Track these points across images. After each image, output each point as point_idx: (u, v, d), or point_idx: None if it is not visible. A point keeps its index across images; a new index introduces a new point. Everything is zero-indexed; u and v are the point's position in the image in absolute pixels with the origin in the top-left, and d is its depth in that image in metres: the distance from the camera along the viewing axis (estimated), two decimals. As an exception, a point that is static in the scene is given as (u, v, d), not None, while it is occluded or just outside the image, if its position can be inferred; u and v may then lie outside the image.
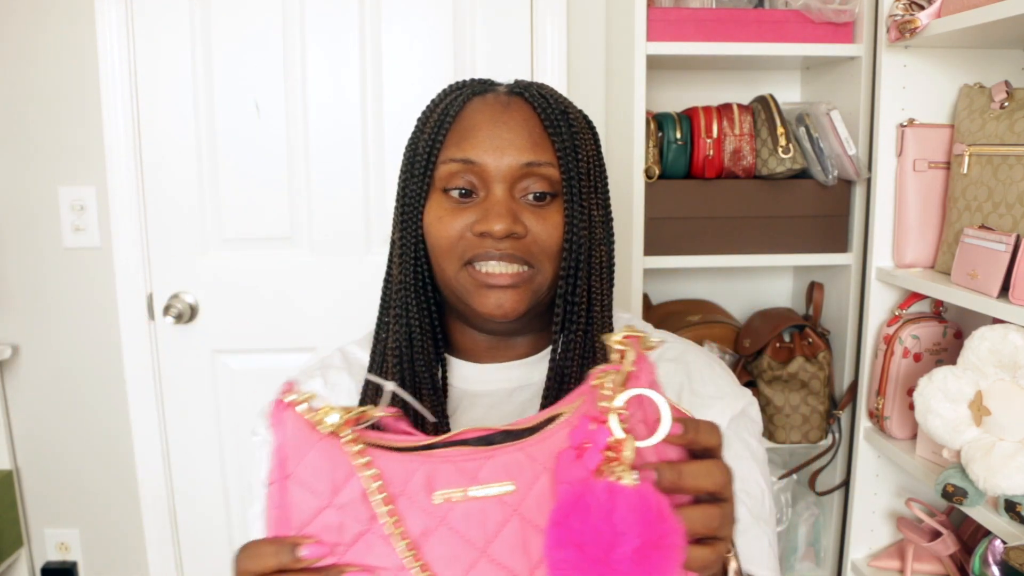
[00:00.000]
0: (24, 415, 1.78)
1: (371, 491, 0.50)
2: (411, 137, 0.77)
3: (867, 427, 1.51)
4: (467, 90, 0.76)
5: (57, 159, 1.69)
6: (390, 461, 0.51)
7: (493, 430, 0.52)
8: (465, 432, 0.52)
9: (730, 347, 1.65)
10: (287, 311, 1.74)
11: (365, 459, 0.50)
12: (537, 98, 0.74)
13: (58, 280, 1.73)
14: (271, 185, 1.70)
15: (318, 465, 0.51)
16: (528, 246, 0.72)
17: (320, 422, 0.51)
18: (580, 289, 0.73)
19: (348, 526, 0.50)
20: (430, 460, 0.50)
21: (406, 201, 0.75)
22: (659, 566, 0.44)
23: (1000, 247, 1.17)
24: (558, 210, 0.73)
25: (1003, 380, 1.13)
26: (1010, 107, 1.24)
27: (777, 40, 1.50)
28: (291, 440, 0.51)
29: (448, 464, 0.50)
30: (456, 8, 1.68)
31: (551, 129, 0.73)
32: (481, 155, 0.72)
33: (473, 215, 0.72)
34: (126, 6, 1.62)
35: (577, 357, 0.73)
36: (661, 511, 0.44)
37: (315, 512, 0.51)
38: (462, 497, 0.50)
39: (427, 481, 0.50)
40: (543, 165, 0.72)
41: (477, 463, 0.50)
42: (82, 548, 1.83)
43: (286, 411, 0.51)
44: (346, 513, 0.50)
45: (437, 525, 0.50)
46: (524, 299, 0.72)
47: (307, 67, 1.68)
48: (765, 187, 1.53)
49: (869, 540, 1.57)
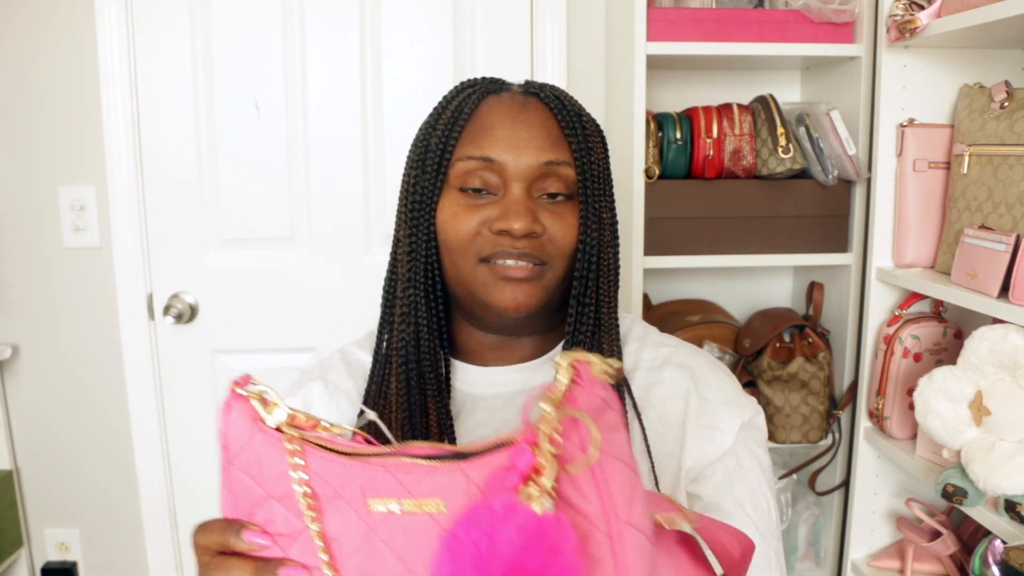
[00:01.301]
0: (24, 415, 1.78)
1: (298, 493, 0.50)
2: (421, 134, 0.76)
3: (867, 427, 1.51)
4: (480, 88, 0.76)
5: (57, 159, 1.69)
6: (330, 463, 0.50)
7: (445, 450, 0.50)
8: (417, 447, 0.50)
9: (730, 347, 1.65)
10: (287, 311, 1.74)
11: (298, 460, 0.50)
12: (552, 99, 0.75)
13: (58, 280, 1.73)
14: (271, 185, 1.70)
15: (260, 457, 0.51)
16: (544, 245, 0.72)
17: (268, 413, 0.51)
18: (591, 291, 0.74)
19: (292, 522, 0.51)
20: (370, 467, 0.49)
21: (415, 198, 0.74)
22: None
23: (1000, 247, 1.17)
24: (573, 211, 0.73)
25: (1003, 380, 1.13)
26: (1010, 107, 1.24)
27: (777, 40, 1.50)
28: (237, 428, 0.51)
29: (388, 475, 0.49)
30: (456, 8, 1.68)
31: (567, 130, 0.73)
32: (500, 153, 0.72)
33: (489, 212, 0.71)
34: (126, 6, 1.62)
35: None
36: (558, 545, 0.41)
37: (259, 501, 0.51)
38: (396, 509, 0.49)
39: (364, 487, 0.49)
40: (561, 165, 0.72)
41: (416, 477, 0.49)
42: (82, 548, 1.83)
43: (238, 401, 0.52)
44: (289, 508, 0.51)
45: (368, 533, 0.49)
46: (536, 294, 0.72)
47: (307, 67, 1.68)
48: (765, 187, 1.53)
49: (869, 540, 1.57)
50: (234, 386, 0.52)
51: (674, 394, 0.77)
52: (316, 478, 0.50)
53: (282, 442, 0.51)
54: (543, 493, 0.42)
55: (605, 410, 0.46)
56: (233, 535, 0.52)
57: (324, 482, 0.50)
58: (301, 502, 0.50)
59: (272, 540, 0.51)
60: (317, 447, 0.51)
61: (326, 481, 0.50)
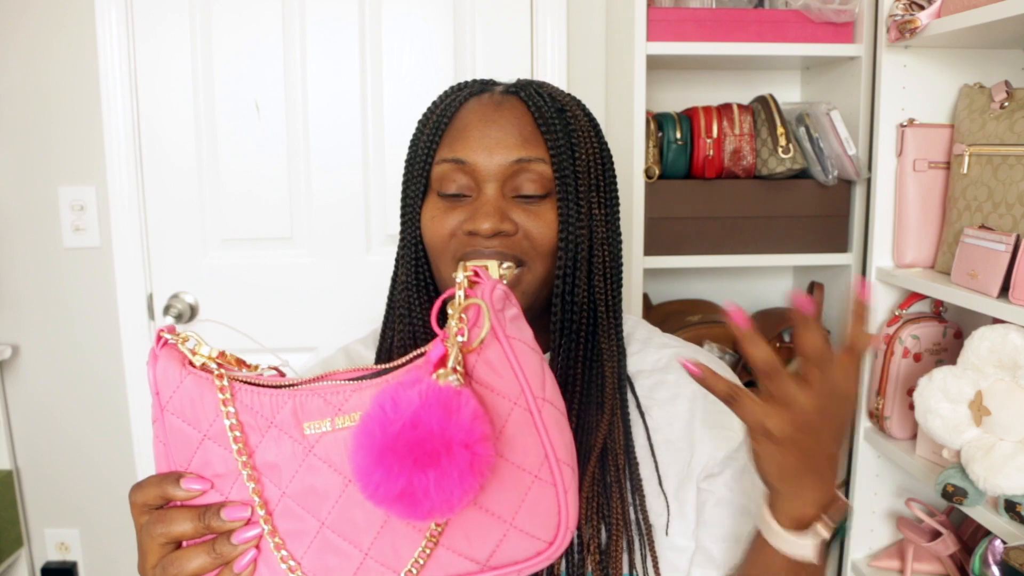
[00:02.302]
0: (24, 415, 1.78)
1: (227, 427, 0.52)
2: (412, 139, 0.78)
3: (867, 427, 1.51)
4: (465, 91, 0.76)
5: (57, 159, 1.69)
6: (259, 395, 0.52)
7: (370, 370, 0.53)
8: (336, 374, 0.53)
9: (730, 347, 1.65)
10: (287, 311, 1.74)
11: (228, 396, 0.52)
12: (532, 96, 0.74)
13: (58, 280, 1.73)
14: (271, 185, 1.70)
15: (192, 398, 0.52)
16: (518, 243, 0.71)
17: (194, 354, 0.53)
18: (580, 290, 0.73)
19: (228, 459, 0.52)
20: (298, 393, 0.52)
21: (406, 203, 0.76)
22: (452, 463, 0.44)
23: (1000, 247, 1.17)
24: (552, 208, 0.72)
25: (1003, 380, 1.13)
26: (1010, 107, 1.24)
27: (777, 40, 1.50)
28: (166, 374, 0.53)
29: (317, 397, 0.51)
30: (456, 8, 1.68)
31: (543, 126, 0.72)
32: (471, 154, 0.72)
33: (463, 214, 0.72)
34: (126, 6, 1.62)
35: (582, 360, 0.73)
36: (454, 408, 0.45)
37: (195, 445, 0.52)
38: (329, 427, 0.51)
39: (296, 413, 0.51)
40: (533, 161, 0.72)
41: (344, 396, 0.51)
42: (82, 548, 1.83)
43: (165, 348, 0.53)
44: (224, 445, 0.52)
45: (306, 453, 0.51)
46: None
47: (307, 67, 1.68)
48: (765, 187, 1.53)
49: (869, 540, 1.58)
50: (159, 334, 0.53)
51: (680, 395, 0.77)
52: (247, 411, 0.52)
53: (212, 381, 0.52)
54: (448, 371, 0.48)
55: (506, 302, 0.51)
56: (171, 485, 0.52)
57: (256, 413, 0.52)
58: (229, 435, 0.52)
59: (210, 484, 0.52)
60: (245, 383, 0.53)
61: (258, 412, 0.52)
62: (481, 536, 0.49)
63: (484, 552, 0.49)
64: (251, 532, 0.51)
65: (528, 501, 0.49)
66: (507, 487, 0.49)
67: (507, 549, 0.49)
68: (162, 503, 0.53)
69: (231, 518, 0.51)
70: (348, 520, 0.50)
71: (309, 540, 0.51)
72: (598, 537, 0.68)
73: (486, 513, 0.49)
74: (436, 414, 0.45)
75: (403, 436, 0.44)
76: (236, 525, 0.51)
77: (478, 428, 0.46)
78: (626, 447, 0.72)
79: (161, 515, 0.52)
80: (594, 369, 0.74)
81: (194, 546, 0.52)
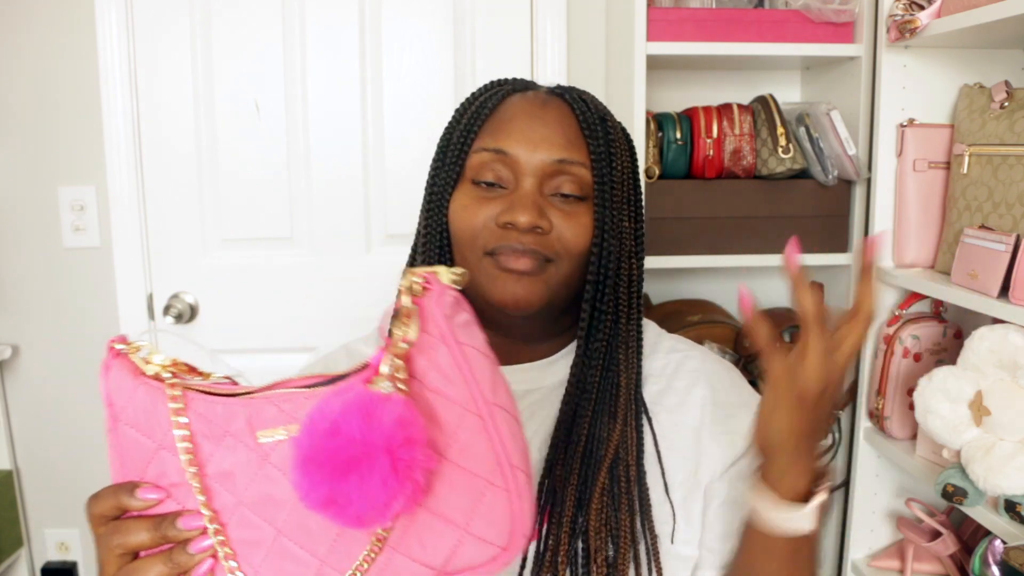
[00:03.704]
0: (24, 415, 1.78)
1: (178, 437, 0.52)
2: (446, 128, 0.77)
3: (867, 427, 1.51)
4: (507, 86, 0.76)
5: (57, 159, 1.69)
6: (213, 404, 0.52)
7: (323, 377, 0.53)
8: (294, 380, 0.53)
9: (730, 347, 1.65)
10: (287, 311, 1.74)
11: (180, 405, 0.52)
12: (577, 100, 0.74)
13: (58, 280, 1.73)
14: (271, 185, 1.70)
15: (146, 408, 0.52)
16: (551, 243, 0.71)
17: (147, 363, 0.52)
18: (608, 298, 0.73)
19: (184, 469, 0.52)
20: (253, 402, 0.52)
21: (434, 190, 0.75)
22: (373, 469, 0.45)
23: (1000, 247, 1.17)
24: (587, 212, 0.73)
25: (1003, 380, 1.13)
26: (1010, 107, 1.24)
27: (777, 40, 1.50)
28: (119, 385, 0.52)
29: (271, 406, 0.51)
30: (456, 8, 1.68)
31: (587, 131, 0.73)
32: (514, 146, 0.72)
33: (499, 206, 0.71)
34: (126, 6, 1.62)
35: (599, 367, 0.73)
36: (377, 416, 0.46)
37: (150, 455, 0.52)
38: (283, 436, 0.51)
39: (250, 421, 0.52)
40: (575, 165, 0.72)
41: (297, 404, 0.51)
42: (82, 548, 1.83)
43: (116, 359, 0.53)
44: (178, 455, 0.52)
45: (261, 462, 0.51)
46: (537, 290, 0.71)
47: (307, 67, 1.68)
48: (765, 187, 1.53)
49: (869, 540, 1.57)
50: (111, 344, 0.53)
51: (688, 402, 0.77)
52: (202, 420, 0.52)
53: (164, 390, 0.52)
54: (382, 378, 0.49)
55: (457, 309, 0.51)
56: (126, 495, 0.51)
57: (209, 422, 0.52)
58: (179, 446, 0.52)
59: (167, 493, 0.52)
60: (199, 392, 0.52)
61: (211, 421, 0.52)
62: (435, 541, 0.49)
63: (439, 558, 0.49)
64: (207, 541, 0.51)
65: (482, 507, 0.49)
66: (461, 492, 0.49)
67: (463, 554, 0.49)
68: (119, 513, 0.52)
69: (187, 527, 0.51)
70: (302, 527, 0.50)
71: (266, 548, 0.51)
72: (605, 550, 0.68)
73: (440, 519, 0.49)
74: (355, 421, 0.45)
75: (323, 444, 0.45)
76: (192, 534, 0.51)
77: (401, 433, 0.46)
78: (637, 460, 0.72)
79: (117, 526, 0.52)
80: (610, 379, 0.74)
81: (151, 556, 0.51)
